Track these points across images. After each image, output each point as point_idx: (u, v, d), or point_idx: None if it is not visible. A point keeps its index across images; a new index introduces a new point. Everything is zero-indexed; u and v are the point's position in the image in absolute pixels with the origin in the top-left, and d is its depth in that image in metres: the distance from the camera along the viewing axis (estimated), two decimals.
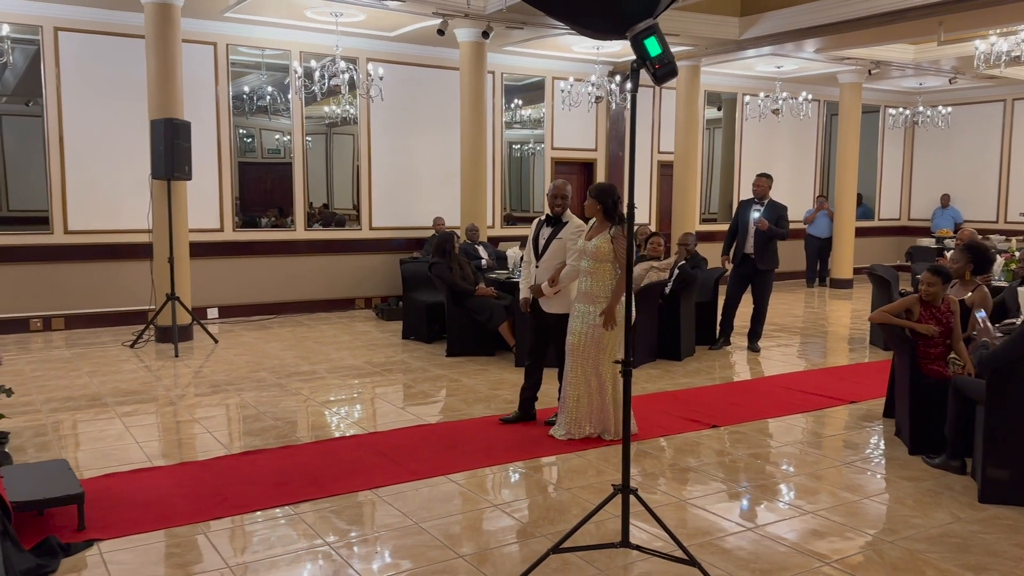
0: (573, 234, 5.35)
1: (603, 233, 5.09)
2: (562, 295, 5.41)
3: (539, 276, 5.51)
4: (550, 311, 5.49)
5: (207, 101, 10.00)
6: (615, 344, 5.15)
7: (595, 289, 5.12)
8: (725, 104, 14.50)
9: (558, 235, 5.43)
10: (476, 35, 9.95)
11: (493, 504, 4.31)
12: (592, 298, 5.13)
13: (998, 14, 8.86)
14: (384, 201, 11.29)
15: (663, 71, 2.96)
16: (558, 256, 5.42)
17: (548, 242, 5.47)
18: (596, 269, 5.11)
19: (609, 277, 5.10)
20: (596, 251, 5.08)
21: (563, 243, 5.40)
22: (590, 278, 5.14)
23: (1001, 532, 3.93)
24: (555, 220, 5.49)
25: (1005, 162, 15.15)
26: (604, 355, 5.16)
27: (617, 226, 5.06)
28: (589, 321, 5.14)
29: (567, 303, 5.39)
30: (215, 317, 10.17)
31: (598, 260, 5.09)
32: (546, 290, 5.40)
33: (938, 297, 5.19)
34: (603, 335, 5.11)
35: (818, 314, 11.47)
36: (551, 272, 5.41)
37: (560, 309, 5.44)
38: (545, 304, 5.50)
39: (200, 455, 5.06)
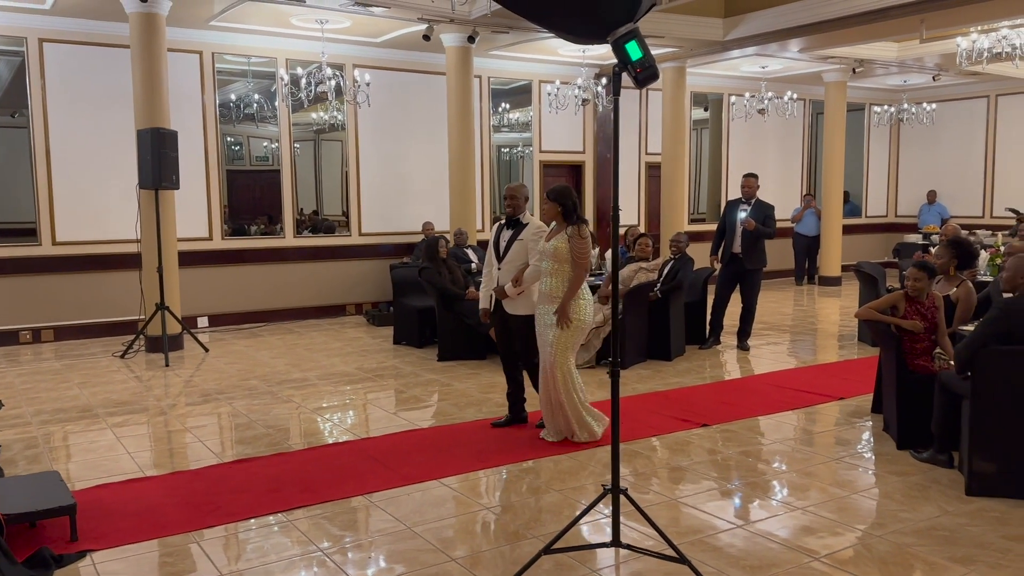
0: (534, 235, 5.35)
1: (561, 234, 5.09)
2: (525, 296, 5.41)
3: (501, 278, 5.50)
4: (514, 312, 5.49)
5: (194, 110, 9.99)
6: (569, 345, 5.16)
7: (555, 289, 5.12)
8: (711, 105, 14.57)
9: (519, 236, 5.44)
10: (462, 40, 9.98)
11: (485, 507, 4.33)
12: (551, 298, 5.13)
13: (979, 11, 8.94)
14: (373, 207, 11.30)
15: (644, 75, 2.99)
16: (520, 258, 5.42)
17: (509, 244, 5.47)
18: (556, 270, 5.10)
19: (569, 277, 5.10)
20: (555, 252, 5.08)
21: (524, 244, 5.40)
22: (551, 279, 5.13)
23: (988, 524, 3.98)
24: (514, 222, 5.50)
25: (990, 158, 15.27)
26: (556, 356, 5.15)
27: (574, 226, 5.06)
28: (546, 321, 5.17)
29: (531, 304, 5.38)
30: (205, 326, 10.16)
31: (558, 261, 5.09)
32: (510, 291, 5.39)
33: (923, 292, 5.24)
34: (558, 334, 5.11)
35: (807, 312, 11.53)
36: (514, 273, 5.41)
37: (524, 310, 5.43)
38: (509, 306, 5.49)
39: (192, 464, 5.06)
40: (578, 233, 5.05)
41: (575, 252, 5.04)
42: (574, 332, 5.14)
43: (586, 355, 7.62)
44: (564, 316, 5.06)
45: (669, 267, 8.31)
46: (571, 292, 5.07)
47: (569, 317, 5.07)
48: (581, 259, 5.06)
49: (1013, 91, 14.73)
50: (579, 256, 5.05)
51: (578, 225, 5.07)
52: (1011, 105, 14.94)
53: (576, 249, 5.04)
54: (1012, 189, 14.52)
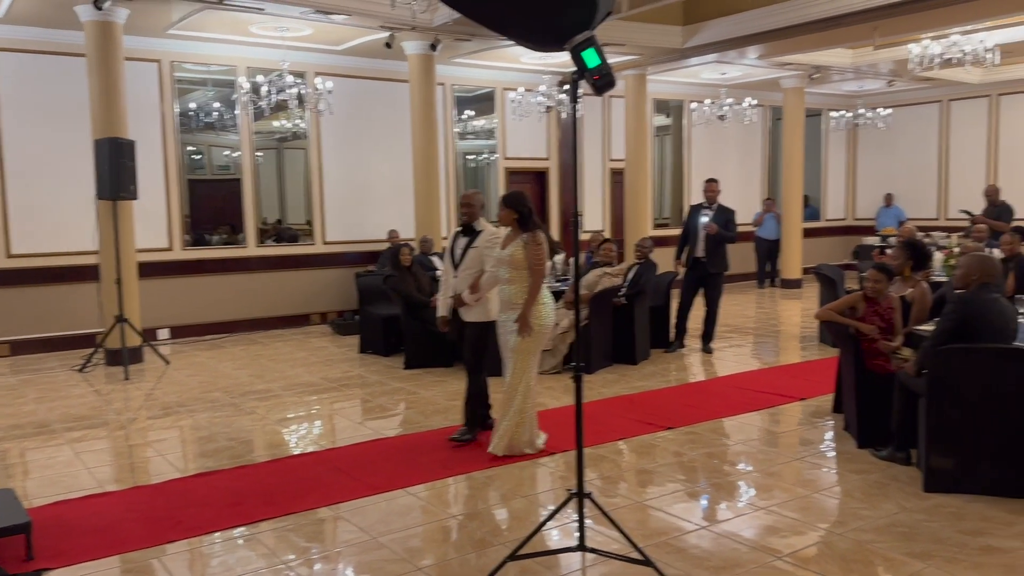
0: (488, 242, 5.33)
1: (517, 241, 5.06)
2: (481, 303, 5.37)
3: (458, 286, 5.46)
4: (469, 319, 5.45)
5: (152, 119, 9.86)
6: (530, 352, 5.11)
7: (513, 297, 5.08)
8: (673, 111, 14.73)
9: (474, 244, 5.41)
10: (424, 48, 9.98)
11: (452, 515, 4.32)
12: (511, 306, 5.10)
13: (929, 18, 9.16)
14: (337, 215, 11.23)
15: (602, 82, 3.02)
16: (475, 265, 5.39)
17: (464, 252, 5.44)
18: (515, 277, 5.07)
19: (527, 284, 5.07)
20: (511, 259, 5.05)
21: (479, 252, 5.37)
22: (508, 286, 5.10)
23: (945, 520, 4.06)
24: (470, 230, 5.47)
25: (944, 161, 15.62)
26: (518, 364, 5.11)
27: (529, 233, 5.04)
28: (506, 328, 5.14)
29: (486, 311, 5.37)
30: (166, 338, 10.00)
31: (515, 268, 5.05)
32: (467, 298, 5.36)
33: (882, 294, 5.35)
34: (519, 342, 5.07)
35: (769, 314, 11.69)
36: (470, 281, 5.38)
37: (479, 317, 5.40)
38: (465, 313, 5.45)
39: (153, 479, 4.98)
40: (533, 240, 5.02)
41: (531, 259, 5.01)
42: (536, 338, 5.13)
43: (553, 360, 7.65)
44: (525, 325, 5.02)
45: (634, 272, 8.37)
46: (531, 300, 5.03)
47: (531, 325, 5.04)
48: (537, 266, 5.04)
49: (965, 96, 15.10)
50: (535, 263, 5.02)
51: (533, 232, 5.04)
52: (963, 110, 15.30)
53: (532, 256, 5.01)
54: (965, 191, 14.85)
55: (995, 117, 14.89)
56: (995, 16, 9.11)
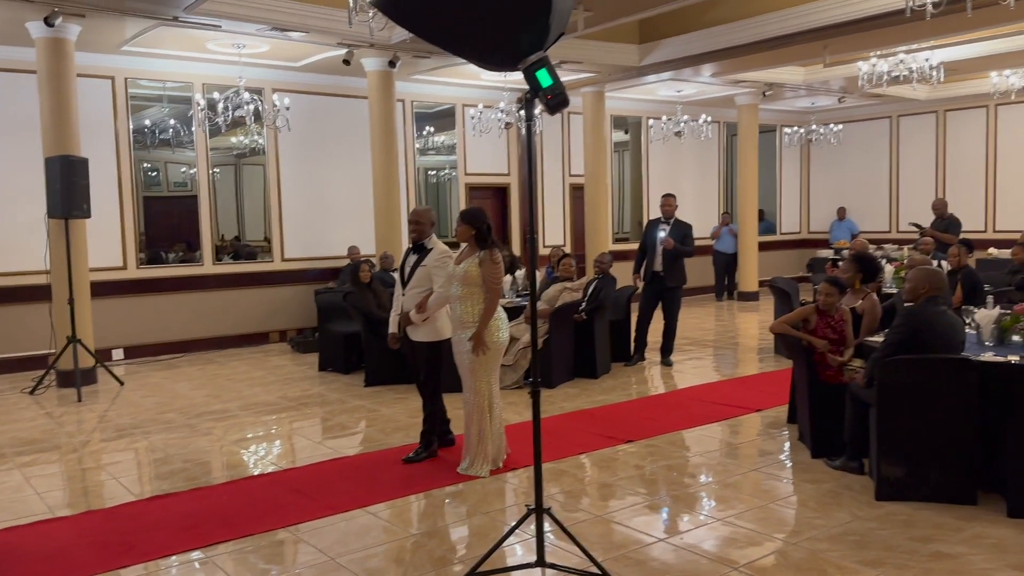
0: (438, 261, 5.24)
1: (472, 257, 5.02)
2: (429, 322, 5.30)
3: (406, 304, 5.37)
4: (416, 339, 5.38)
5: (106, 136, 9.72)
6: (487, 370, 5.08)
7: (466, 315, 5.02)
8: (631, 127, 14.92)
9: (422, 262, 5.32)
10: (383, 64, 9.99)
11: (411, 534, 4.30)
12: (463, 324, 5.04)
13: (876, 37, 9.44)
14: (296, 232, 11.16)
15: (555, 101, 3.07)
16: (423, 283, 5.30)
17: (413, 270, 5.36)
18: (467, 294, 5.01)
19: (481, 302, 5.01)
20: (465, 276, 4.99)
21: (427, 271, 5.28)
22: (461, 303, 5.03)
23: (896, 527, 4.15)
24: (420, 247, 5.37)
25: (894, 175, 16.04)
26: (476, 382, 5.07)
27: (486, 251, 5.00)
28: (459, 348, 5.07)
29: (435, 330, 5.32)
30: (120, 358, 9.82)
31: (467, 285, 4.99)
32: (414, 317, 5.27)
33: (833, 307, 5.48)
34: (473, 361, 5.02)
35: (727, 326, 11.85)
36: (417, 300, 5.29)
37: (426, 336, 5.34)
38: (412, 332, 5.37)
39: (107, 502, 4.88)
40: (490, 258, 4.97)
41: (487, 277, 4.96)
42: (492, 356, 5.08)
43: (514, 375, 7.67)
44: (480, 343, 4.96)
45: (593, 287, 8.44)
46: (486, 318, 4.97)
47: (486, 344, 4.99)
48: (494, 284, 4.98)
49: (913, 112, 15.54)
50: (491, 281, 4.97)
51: (491, 250, 5.00)
52: (911, 125, 15.75)
53: (488, 274, 4.96)
54: (915, 205, 15.24)
55: (942, 132, 15.34)
56: (939, 36, 9.41)
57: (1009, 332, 5.09)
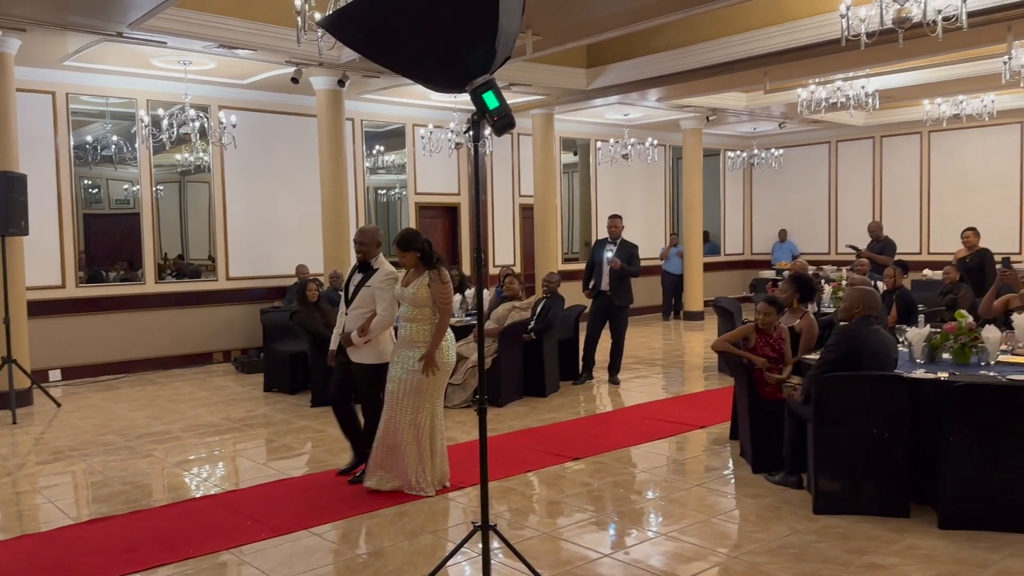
0: (383, 282, 5.16)
1: (420, 278, 4.98)
2: (371, 345, 5.21)
3: (348, 325, 5.27)
4: (357, 361, 5.27)
5: (46, 152, 9.50)
6: (434, 391, 5.06)
7: (415, 335, 4.99)
8: (580, 149, 15.14)
9: (367, 283, 5.23)
10: (332, 83, 9.97)
11: (357, 554, 4.27)
12: (412, 344, 4.99)
13: (815, 65, 9.78)
14: (242, 250, 11.02)
15: (501, 123, 3.13)
16: (367, 304, 5.20)
17: (357, 290, 5.26)
18: (416, 315, 4.98)
19: (430, 322, 4.98)
20: (414, 297, 4.95)
21: (372, 292, 5.18)
22: (410, 324, 4.99)
23: (833, 540, 4.27)
24: (366, 267, 5.29)
25: (833, 198, 16.55)
26: (423, 402, 5.02)
27: (434, 270, 4.97)
28: (408, 367, 5.00)
29: (377, 353, 5.21)
30: (58, 379, 9.55)
31: (417, 305, 4.96)
32: (355, 339, 5.17)
33: (772, 326, 5.63)
34: (422, 381, 4.97)
35: (674, 345, 12.03)
36: (360, 321, 5.20)
37: (368, 359, 5.24)
38: (353, 354, 5.27)
39: (42, 526, 4.74)
40: (439, 278, 4.95)
41: (437, 298, 4.94)
42: (441, 376, 5.07)
43: (463, 394, 7.68)
44: (431, 362, 4.94)
45: (541, 306, 8.51)
46: (437, 338, 4.95)
47: (436, 364, 4.96)
48: (444, 304, 4.96)
49: (851, 137, 16.08)
50: (442, 301, 4.94)
51: (439, 269, 4.97)
52: (849, 150, 16.29)
53: (438, 294, 4.93)
54: (853, 227, 15.73)
55: (878, 157, 15.90)
56: (874, 64, 9.80)
57: (939, 350, 5.29)
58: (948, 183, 15.06)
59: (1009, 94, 12.30)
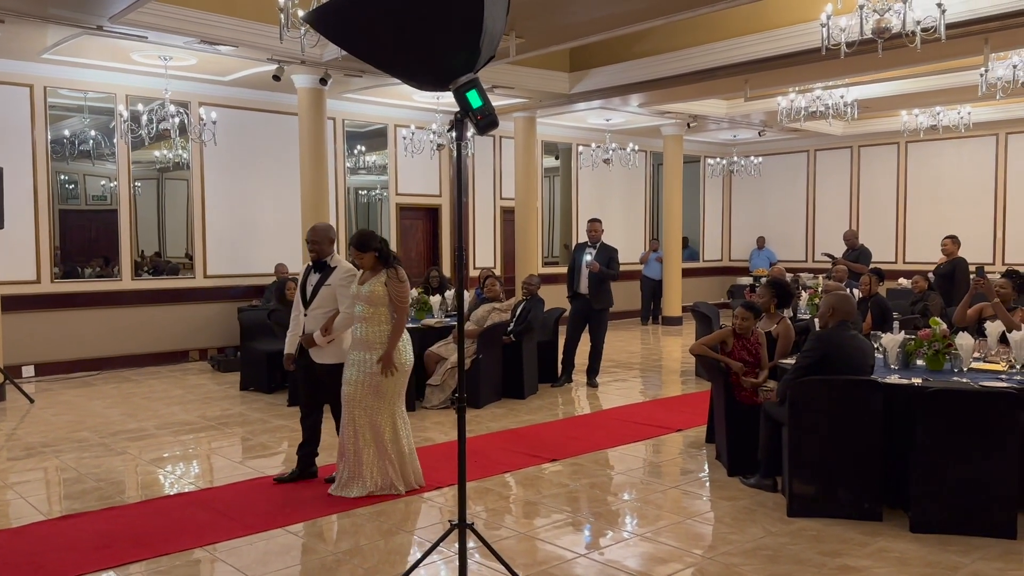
0: (343, 279, 5.09)
1: (377, 277, 4.91)
2: (334, 344, 5.16)
3: (308, 325, 5.19)
4: (321, 361, 5.21)
5: (22, 146, 9.38)
6: (395, 392, 4.99)
7: (370, 335, 4.91)
8: (562, 153, 15.18)
9: (327, 281, 5.16)
10: (314, 81, 9.92)
11: (332, 553, 4.26)
12: (368, 345, 4.91)
13: (795, 74, 9.89)
14: (221, 248, 10.94)
15: (484, 122, 3.13)
16: (328, 303, 5.15)
17: (316, 289, 5.19)
18: (371, 315, 4.90)
19: (386, 322, 4.91)
20: (370, 296, 4.88)
21: (332, 290, 5.13)
22: (365, 324, 4.91)
23: (807, 542, 4.31)
24: (322, 265, 5.23)
25: (811, 207, 16.71)
26: (383, 404, 4.96)
27: (391, 269, 4.91)
28: (365, 369, 4.91)
29: (340, 352, 5.15)
30: (31, 375, 9.42)
31: (372, 304, 4.89)
32: (319, 339, 5.11)
33: (749, 330, 5.68)
34: (381, 382, 4.90)
35: (652, 349, 12.09)
36: (322, 321, 5.13)
37: (332, 359, 5.17)
38: (316, 355, 5.20)
39: (13, 522, 4.68)
40: (396, 276, 4.88)
41: (394, 296, 4.87)
42: (401, 377, 4.99)
43: (442, 395, 7.67)
44: (389, 363, 4.87)
45: (521, 308, 8.52)
46: (395, 338, 4.89)
47: (395, 364, 4.91)
48: (401, 303, 4.89)
49: (829, 146, 16.26)
50: (399, 300, 4.88)
51: (395, 268, 4.91)
52: (827, 159, 16.46)
53: (395, 293, 4.87)
54: (829, 235, 15.91)
55: (856, 167, 16.08)
56: (853, 74, 9.91)
57: (913, 356, 5.36)
58: (924, 193, 15.26)
59: (985, 106, 12.49)
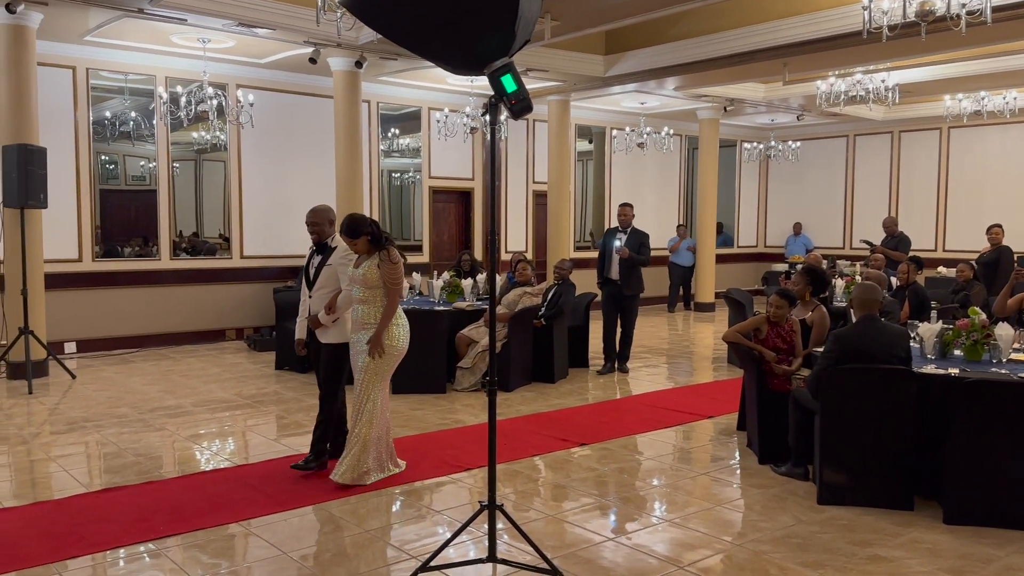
0: (343, 259, 5.10)
1: (370, 259, 4.88)
2: (338, 324, 5.16)
3: (313, 306, 5.21)
4: (325, 341, 5.20)
5: (65, 126, 9.57)
6: (378, 375, 4.89)
7: (366, 317, 4.89)
8: (595, 137, 15.09)
9: (327, 262, 5.21)
10: (349, 64, 9.98)
11: (364, 530, 4.33)
12: (363, 325, 4.90)
13: (835, 57, 9.70)
14: (257, 229, 11.08)
15: (519, 106, 3.14)
16: (331, 283, 5.18)
17: (318, 271, 5.23)
18: (368, 296, 4.88)
19: (382, 304, 4.89)
20: (364, 278, 4.85)
21: (334, 270, 5.16)
22: (363, 306, 4.90)
23: (837, 531, 4.29)
24: (323, 247, 5.26)
25: (849, 193, 16.45)
26: (366, 386, 4.90)
27: (384, 251, 4.85)
28: (358, 349, 4.93)
29: (344, 332, 5.14)
30: (73, 352, 9.66)
31: (368, 287, 4.87)
32: (323, 319, 5.11)
33: (783, 318, 5.64)
34: (367, 364, 4.87)
35: (682, 336, 12.03)
36: (325, 300, 5.14)
37: (335, 339, 5.17)
38: (321, 335, 5.21)
39: (55, 494, 4.83)
40: (388, 258, 4.84)
41: (387, 278, 4.84)
42: (387, 360, 4.92)
43: (472, 378, 7.72)
44: (377, 345, 4.82)
45: (553, 292, 8.53)
46: (385, 320, 4.85)
47: (382, 346, 4.85)
48: (394, 285, 4.86)
49: (869, 132, 15.97)
50: (391, 282, 4.85)
51: (388, 250, 4.87)
52: (867, 145, 16.17)
53: (387, 274, 4.83)
54: (868, 222, 15.65)
55: (896, 153, 15.78)
56: (895, 58, 9.72)
57: (951, 346, 5.28)
58: (966, 180, 14.95)
59: None
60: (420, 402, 7.22)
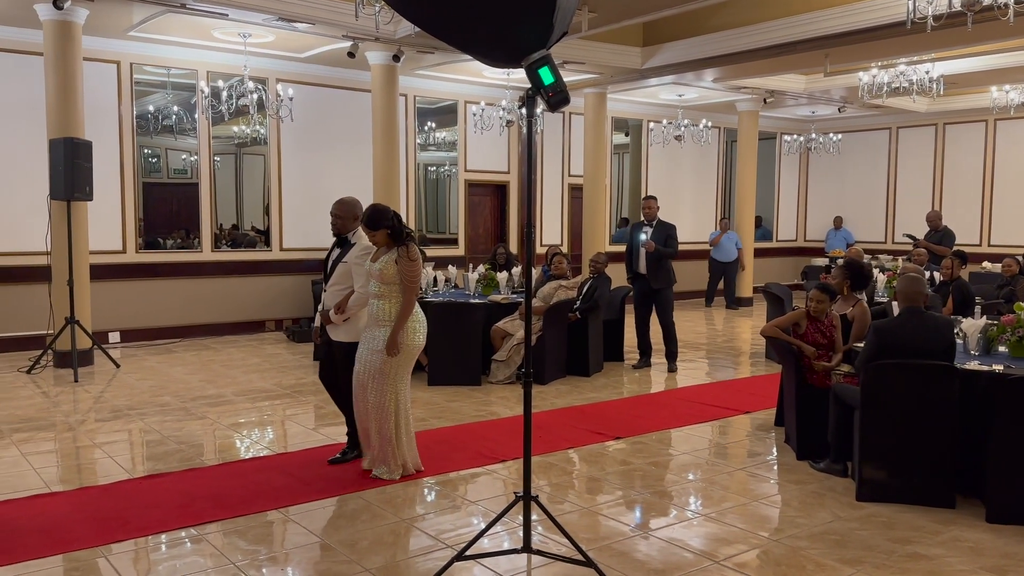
0: (359, 257, 4.94)
1: (389, 254, 4.74)
2: (350, 323, 5.05)
3: (326, 301, 5.12)
4: (337, 339, 5.12)
5: (110, 120, 9.77)
6: (396, 374, 4.81)
7: (382, 313, 4.75)
8: (632, 130, 15.00)
9: (344, 258, 5.07)
10: (387, 58, 10.05)
11: (401, 519, 4.37)
12: (379, 322, 4.77)
13: (878, 48, 9.53)
14: (295, 222, 11.22)
15: (556, 99, 3.14)
16: (344, 280, 5.06)
17: (335, 265, 5.11)
18: (385, 292, 4.75)
19: (398, 300, 4.76)
20: (381, 273, 4.71)
21: (348, 267, 5.02)
22: (379, 301, 4.76)
23: (876, 528, 4.23)
24: (343, 241, 5.12)
25: (892, 186, 16.15)
26: (386, 385, 4.79)
27: (402, 247, 4.72)
28: (372, 347, 4.78)
29: (355, 331, 5.01)
30: (117, 341, 9.88)
31: (385, 283, 4.73)
32: (333, 317, 5.02)
33: (823, 313, 5.56)
34: (385, 363, 4.74)
35: (720, 331, 11.93)
36: (338, 298, 5.06)
37: (347, 338, 5.06)
38: (332, 332, 5.13)
39: (101, 480, 4.95)
40: (407, 255, 4.69)
41: (404, 275, 4.69)
42: (405, 357, 4.82)
43: (507, 371, 7.74)
44: (393, 344, 4.70)
45: (588, 286, 8.51)
46: (403, 318, 4.72)
47: (398, 345, 4.73)
48: (411, 282, 4.72)
49: (913, 124, 15.65)
50: (409, 279, 4.70)
51: (407, 245, 4.72)
52: (910, 137, 15.86)
53: (405, 272, 4.69)
54: (911, 216, 15.35)
55: (941, 146, 15.45)
56: (939, 49, 9.50)
57: (995, 342, 5.17)
58: (1013, 174, 14.58)
59: None
60: (455, 394, 7.26)
